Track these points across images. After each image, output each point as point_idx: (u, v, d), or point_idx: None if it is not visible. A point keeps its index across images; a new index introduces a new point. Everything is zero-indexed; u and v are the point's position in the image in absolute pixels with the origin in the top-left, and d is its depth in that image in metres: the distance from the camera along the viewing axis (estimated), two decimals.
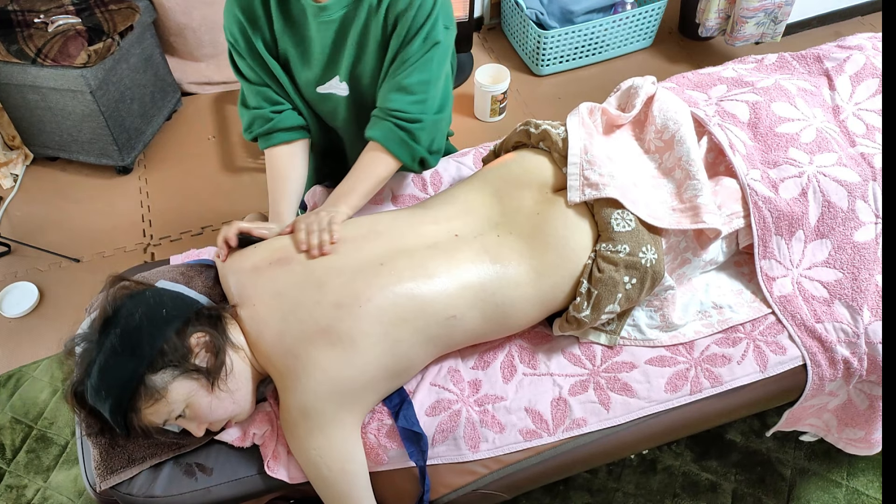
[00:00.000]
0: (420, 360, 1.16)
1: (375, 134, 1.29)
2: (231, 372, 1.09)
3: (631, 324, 1.28)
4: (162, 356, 1.03)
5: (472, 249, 1.18)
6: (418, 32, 1.20)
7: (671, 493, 1.66)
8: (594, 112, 1.36)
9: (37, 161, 2.49)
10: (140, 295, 1.11)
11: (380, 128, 1.28)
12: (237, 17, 1.25)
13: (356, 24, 1.23)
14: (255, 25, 1.26)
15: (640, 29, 2.69)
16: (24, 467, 1.77)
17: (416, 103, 1.25)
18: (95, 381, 1.03)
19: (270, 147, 1.38)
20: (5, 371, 1.94)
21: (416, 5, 1.19)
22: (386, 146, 1.28)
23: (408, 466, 1.15)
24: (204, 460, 1.16)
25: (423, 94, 1.25)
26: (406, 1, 1.19)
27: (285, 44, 1.29)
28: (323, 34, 1.25)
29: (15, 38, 2.09)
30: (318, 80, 1.33)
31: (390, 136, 1.27)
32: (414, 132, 1.27)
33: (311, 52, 1.29)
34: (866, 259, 1.28)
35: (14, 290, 2.09)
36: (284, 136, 1.38)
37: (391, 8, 1.20)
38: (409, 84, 1.24)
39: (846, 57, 1.52)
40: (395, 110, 1.26)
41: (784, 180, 1.30)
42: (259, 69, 1.32)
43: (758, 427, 1.75)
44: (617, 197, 1.18)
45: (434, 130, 1.31)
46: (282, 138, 1.38)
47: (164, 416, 1.05)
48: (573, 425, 1.19)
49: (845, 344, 1.25)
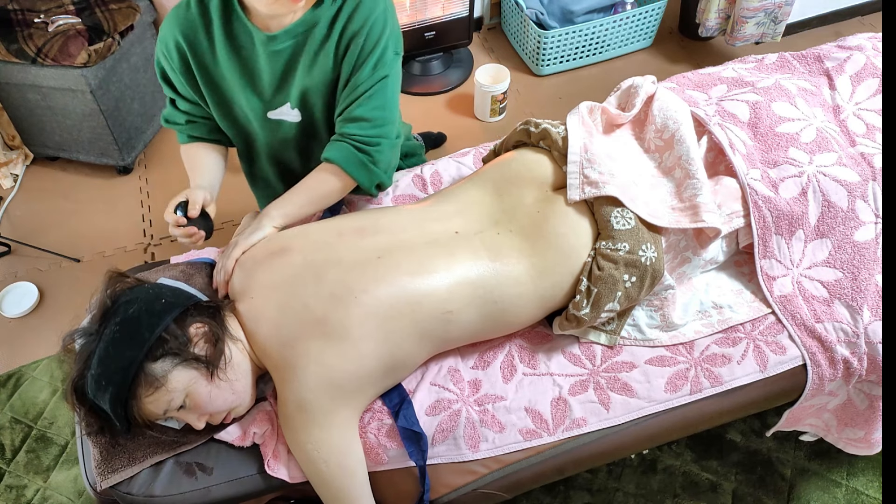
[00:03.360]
0: (416, 355, 1.16)
1: (333, 155, 1.27)
2: (230, 362, 1.10)
3: (631, 324, 1.28)
4: (161, 344, 1.04)
5: (472, 246, 1.18)
6: (367, 59, 1.22)
7: (671, 493, 1.66)
8: (594, 111, 1.36)
9: (37, 161, 2.49)
10: (139, 287, 1.12)
11: (338, 149, 1.27)
12: (176, 38, 1.25)
13: (307, 51, 1.24)
14: (195, 51, 1.26)
15: (641, 29, 2.69)
16: (24, 467, 1.77)
17: (373, 128, 1.26)
18: (95, 370, 1.03)
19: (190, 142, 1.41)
20: (5, 371, 1.94)
21: (367, 29, 1.20)
22: (344, 167, 1.27)
23: (408, 466, 1.16)
24: (204, 460, 1.16)
25: (381, 121, 1.26)
26: (359, 23, 1.20)
27: (228, 71, 1.28)
28: (273, 63, 1.25)
29: (15, 37, 2.09)
30: (268, 106, 1.33)
31: (350, 158, 1.27)
32: (373, 155, 1.27)
33: (261, 80, 1.29)
34: (866, 259, 1.28)
35: (14, 290, 2.09)
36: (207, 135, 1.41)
37: (346, 30, 1.20)
38: (364, 114, 1.25)
39: (846, 57, 1.52)
40: (354, 135, 1.26)
41: (784, 180, 1.30)
42: (191, 91, 1.33)
43: (758, 427, 1.75)
44: (617, 195, 1.18)
45: (391, 154, 1.32)
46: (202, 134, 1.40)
47: (164, 405, 1.05)
48: (573, 425, 1.19)
49: (845, 344, 1.25)
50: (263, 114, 1.35)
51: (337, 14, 1.21)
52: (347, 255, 1.15)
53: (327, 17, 1.21)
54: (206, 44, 1.26)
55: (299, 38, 1.23)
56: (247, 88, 1.31)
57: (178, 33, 1.25)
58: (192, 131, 1.40)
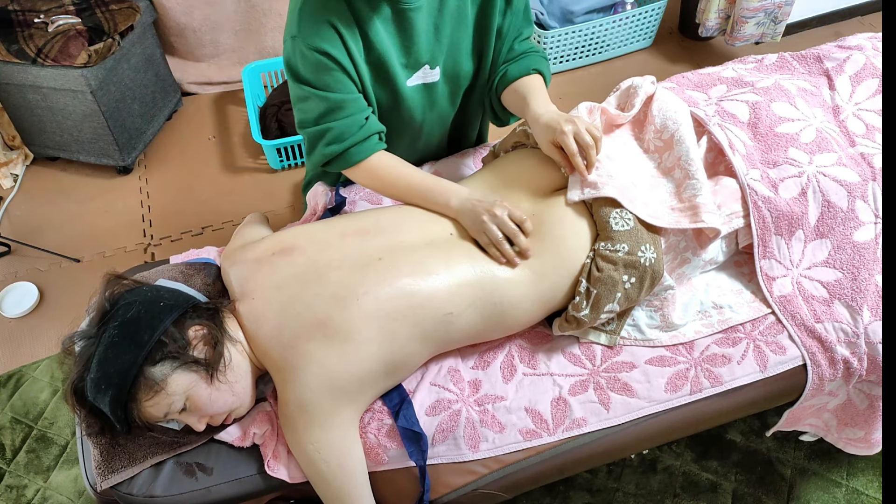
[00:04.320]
0: (417, 356, 1.16)
1: (539, 65, 1.38)
2: (229, 364, 1.10)
3: (631, 324, 1.28)
4: (161, 347, 1.04)
5: (467, 248, 1.18)
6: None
7: (671, 493, 1.66)
8: (593, 112, 1.36)
9: (37, 161, 2.49)
10: (137, 289, 1.12)
11: (537, 61, 1.38)
12: (317, 11, 1.17)
13: (444, 3, 1.27)
14: (342, 22, 1.18)
15: (640, 29, 2.69)
16: (24, 467, 1.77)
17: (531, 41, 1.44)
18: (95, 373, 1.03)
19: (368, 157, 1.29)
20: (5, 371, 1.95)
21: None
22: (545, 74, 1.39)
23: (408, 466, 1.16)
24: (204, 460, 1.16)
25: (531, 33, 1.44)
26: None
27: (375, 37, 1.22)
28: (416, 19, 1.24)
29: (15, 37, 2.09)
30: (406, 72, 1.31)
31: (545, 66, 1.40)
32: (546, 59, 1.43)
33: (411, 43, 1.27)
34: (866, 259, 1.28)
35: (14, 290, 2.09)
36: (378, 143, 1.31)
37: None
38: (529, 31, 1.43)
39: (846, 57, 1.52)
40: (533, 48, 1.41)
41: (784, 180, 1.30)
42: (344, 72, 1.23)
43: (758, 427, 1.75)
44: (615, 196, 1.18)
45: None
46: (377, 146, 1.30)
47: (164, 408, 1.05)
48: (573, 425, 1.19)
49: (845, 344, 1.25)
50: (404, 82, 1.32)
51: None
52: (350, 257, 1.15)
53: None
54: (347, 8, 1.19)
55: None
56: (397, 56, 1.28)
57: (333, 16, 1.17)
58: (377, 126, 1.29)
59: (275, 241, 1.21)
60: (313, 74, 1.22)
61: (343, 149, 1.27)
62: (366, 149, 1.29)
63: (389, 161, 1.31)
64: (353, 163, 1.29)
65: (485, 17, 1.32)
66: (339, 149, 1.27)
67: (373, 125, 1.29)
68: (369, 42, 1.23)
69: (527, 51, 1.40)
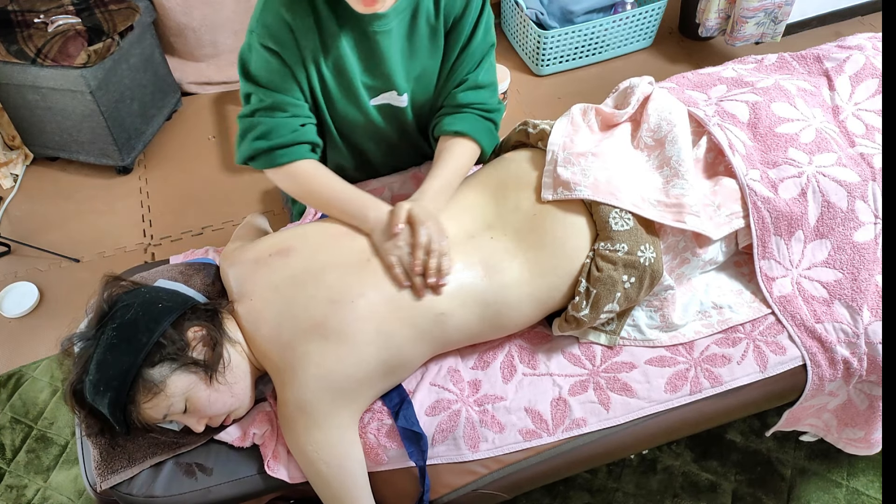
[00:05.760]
0: (415, 357, 1.16)
1: (465, 127, 1.29)
2: (229, 365, 1.10)
3: (631, 324, 1.28)
4: (159, 349, 1.04)
5: (464, 251, 1.18)
6: (478, 24, 1.26)
7: (671, 493, 1.66)
8: (587, 112, 1.36)
9: (37, 161, 2.49)
10: (135, 291, 1.12)
11: (467, 120, 1.30)
12: (280, 13, 1.15)
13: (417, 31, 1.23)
14: (304, 30, 1.17)
15: (640, 29, 2.69)
16: (24, 467, 1.77)
17: (492, 94, 1.32)
18: (94, 376, 1.03)
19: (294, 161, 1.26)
20: (5, 371, 1.95)
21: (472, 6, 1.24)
22: (476, 137, 1.30)
23: (407, 466, 1.16)
24: (204, 460, 1.16)
25: (494, 86, 1.33)
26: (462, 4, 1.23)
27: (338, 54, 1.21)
28: (384, 44, 1.22)
29: (15, 38, 2.09)
30: (371, 93, 1.31)
31: (480, 128, 1.30)
32: (496, 121, 1.33)
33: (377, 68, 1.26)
34: (866, 259, 1.28)
35: (14, 290, 2.09)
36: (309, 153, 1.27)
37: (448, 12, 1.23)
38: (484, 80, 1.31)
39: (846, 57, 1.51)
40: (478, 103, 1.30)
41: (783, 180, 1.30)
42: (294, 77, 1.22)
43: (758, 427, 1.75)
44: (589, 197, 1.17)
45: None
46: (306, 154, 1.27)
47: (163, 410, 1.05)
48: (573, 425, 1.19)
49: (845, 344, 1.25)
50: (367, 101, 1.32)
51: None
52: (342, 258, 1.15)
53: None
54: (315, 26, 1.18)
55: (407, 15, 1.21)
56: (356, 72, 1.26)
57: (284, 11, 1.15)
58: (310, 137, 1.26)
59: (273, 241, 1.21)
60: (261, 71, 1.21)
61: (269, 146, 1.24)
62: (292, 152, 1.25)
63: (314, 169, 1.27)
64: (276, 163, 1.25)
65: (449, 48, 1.29)
66: (265, 145, 1.24)
67: (307, 133, 1.26)
68: (330, 54, 1.22)
69: (470, 104, 1.30)
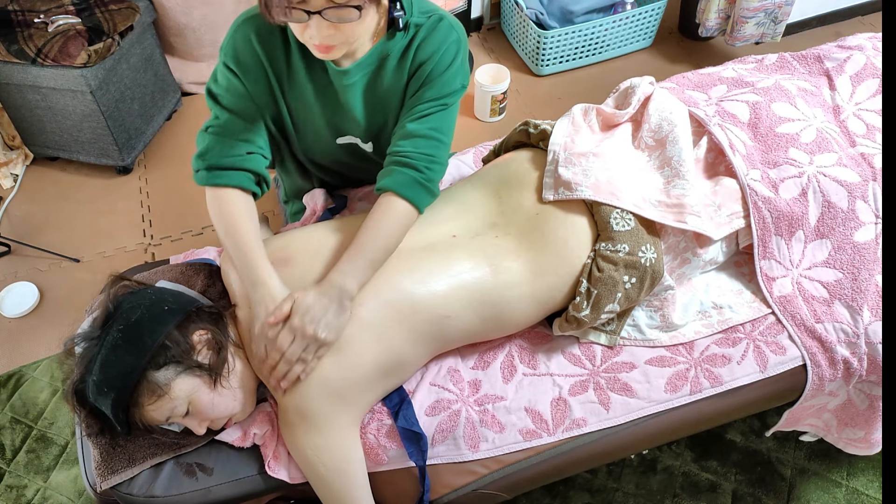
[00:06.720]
0: (415, 358, 1.16)
1: (386, 182, 1.16)
2: (233, 369, 1.10)
3: (631, 324, 1.28)
4: (164, 351, 1.03)
5: (469, 250, 1.18)
6: (433, 82, 1.17)
7: (671, 493, 1.66)
8: (588, 112, 1.36)
9: (37, 161, 2.49)
10: (141, 292, 1.11)
11: (389, 173, 1.17)
12: (251, 40, 1.15)
13: (380, 83, 1.21)
14: (272, 61, 1.17)
15: (640, 29, 2.69)
16: (24, 467, 1.77)
17: (429, 147, 1.18)
18: (97, 376, 1.03)
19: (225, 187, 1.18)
20: (5, 371, 1.94)
21: (438, 55, 1.16)
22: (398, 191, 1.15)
23: (408, 466, 1.16)
24: (204, 460, 1.16)
25: (435, 142, 1.18)
26: (431, 48, 1.16)
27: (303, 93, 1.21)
28: (347, 95, 1.21)
29: (15, 38, 2.09)
30: (335, 134, 1.31)
31: (403, 181, 1.16)
32: (426, 172, 1.17)
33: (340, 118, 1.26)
34: (866, 259, 1.28)
35: (14, 290, 2.09)
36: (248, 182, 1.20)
37: (416, 57, 1.17)
38: (419, 131, 1.17)
39: (846, 57, 1.51)
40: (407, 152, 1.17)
41: (784, 180, 1.30)
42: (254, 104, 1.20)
43: (758, 427, 1.75)
44: (590, 197, 1.17)
45: (441, 177, 1.22)
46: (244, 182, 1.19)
47: (166, 412, 1.05)
48: (573, 425, 1.19)
49: (845, 344, 1.25)
50: (332, 140, 1.32)
51: (409, 44, 1.16)
52: None
53: (399, 48, 1.16)
54: (283, 60, 1.18)
55: (371, 71, 1.19)
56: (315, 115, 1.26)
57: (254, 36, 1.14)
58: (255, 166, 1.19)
59: (273, 248, 1.19)
60: (222, 90, 1.19)
61: (208, 165, 1.18)
62: (228, 176, 1.17)
63: (241, 210, 1.18)
64: (210, 182, 1.18)
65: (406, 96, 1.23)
66: (205, 164, 1.18)
67: (251, 162, 1.19)
68: (296, 90, 1.22)
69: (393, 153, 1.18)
